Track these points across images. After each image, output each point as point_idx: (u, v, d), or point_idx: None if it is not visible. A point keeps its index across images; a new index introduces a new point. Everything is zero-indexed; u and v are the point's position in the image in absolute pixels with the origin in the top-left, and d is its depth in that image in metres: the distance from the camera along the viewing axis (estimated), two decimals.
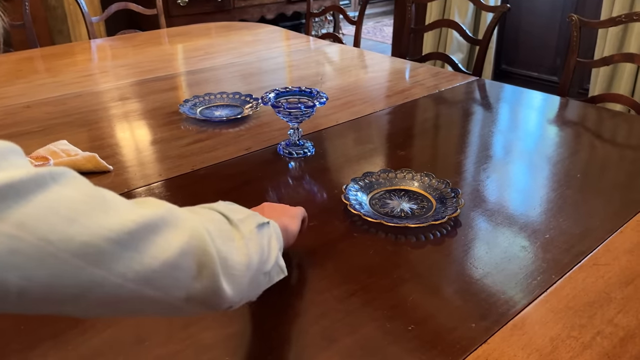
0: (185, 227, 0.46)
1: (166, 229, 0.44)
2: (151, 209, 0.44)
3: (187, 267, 0.45)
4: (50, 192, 0.38)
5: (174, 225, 0.45)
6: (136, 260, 0.40)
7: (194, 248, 0.46)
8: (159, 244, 0.42)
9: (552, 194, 1.02)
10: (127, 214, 0.41)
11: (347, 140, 1.26)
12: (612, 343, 0.65)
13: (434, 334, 0.67)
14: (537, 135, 1.33)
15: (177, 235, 0.45)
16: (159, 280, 0.42)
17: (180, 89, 1.63)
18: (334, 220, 0.92)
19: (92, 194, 0.41)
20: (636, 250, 0.83)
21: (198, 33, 2.35)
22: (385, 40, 4.98)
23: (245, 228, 0.55)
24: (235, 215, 0.56)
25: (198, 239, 0.46)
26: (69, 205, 0.38)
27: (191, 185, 1.05)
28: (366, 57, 1.97)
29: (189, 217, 0.47)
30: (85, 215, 0.39)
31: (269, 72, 1.81)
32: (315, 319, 0.70)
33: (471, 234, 0.88)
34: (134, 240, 0.41)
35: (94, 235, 0.38)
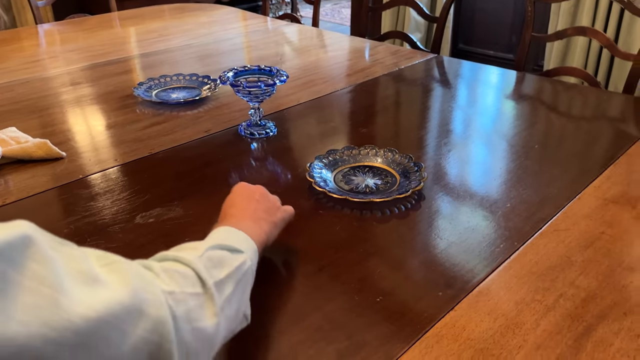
0: (150, 317, 0.40)
1: (126, 320, 0.38)
2: (117, 294, 0.38)
3: None
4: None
5: (138, 315, 0.39)
6: None
7: (151, 345, 0.40)
8: (112, 342, 0.37)
9: (511, 164, 1.03)
10: (79, 307, 0.35)
11: (309, 120, 1.25)
12: (574, 304, 0.67)
13: (402, 304, 0.67)
14: (495, 109, 1.35)
15: (138, 329, 0.39)
16: None
17: (134, 72, 1.58)
18: (299, 199, 0.91)
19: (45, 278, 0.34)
20: (594, 215, 0.85)
21: (151, 15, 2.27)
22: (344, 22, 4.96)
23: (223, 294, 0.51)
24: (215, 275, 0.51)
25: (160, 334, 0.41)
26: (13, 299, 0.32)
27: (149, 169, 1.01)
28: (325, 36, 1.95)
29: (157, 300, 0.42)
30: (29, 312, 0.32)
31: (227, 53, 1.78)
32: (283, 297, 0.69)
33: (435, 206, 0.89)
34: (82, 339, 0.34)
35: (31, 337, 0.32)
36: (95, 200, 0.90)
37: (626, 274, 0.72)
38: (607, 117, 1.30)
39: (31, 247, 0.34)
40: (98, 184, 0.95)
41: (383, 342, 0.61)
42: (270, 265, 0.75)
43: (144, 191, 0.92)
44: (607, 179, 0.96)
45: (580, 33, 1.59)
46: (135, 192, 0.92)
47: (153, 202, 0.89)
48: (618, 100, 1.40)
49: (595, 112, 1.33)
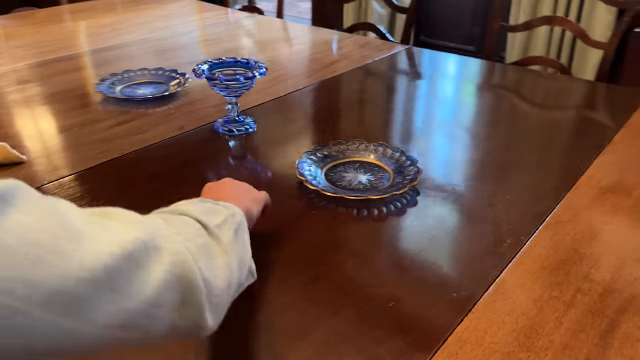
0: (167, 251, 0.38)
1: (147, 257, 0.36)
2: (129, 232, 0.36)
3: (170, 301, 0.37)
4: (6, 221, 0.29)
5: (155, 251, 0.37)
6: (115, 302, 0.33)
7: (178, 278, 0.38)
8: (140, 279, 0.35)
9: (502, 156, 1.01)
10: (102, 243, 0.33)
11: (288, 115, 1.19)
12: (592, 299, 0.64)
13: (415, 310, 0.63)
14: (477, 101, 1.33)
15: (160, 264, 0.37)
16: (139, 321, 0.35)
17: (90, 68, 1.47)
18: (289, 199, 0.85)
19: (54, 217, 0.32)
20: (593, 205, 0.84)
21: (104, 8, 2.15)
22: (302, 16, 4.89)
23: (225, 237, 0.48)
24: (212, 220, 0.48)
25: (182, 267, 0.39)
26: (30, 239, 0.30)
27: (121, 171, 0.93)
28: (293, 29, 1.89)
29: (169, 235, 0.40)
30: (51, 250, 0.30)
31: (187, 46, 1.69)
32: (284, 309, 0.63)
33: (432, 202, 0.85)
34: (111, 278, 0.33)
35: (64, 278, 0.30)
36: None
37: (637, 265, 0.70)
38: (587, 106, 1.30)
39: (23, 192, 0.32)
40: (67, 190, 0.86)
41: (400, 354, 0.57)
42: (266, 274, 0.69)
43: (120, 195, 0.85)
44: (598, 167, 0.94)
45: (547, 22, 1.59)
46: (111, 196, 0.84)
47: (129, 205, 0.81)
48: (593, 88, 1.41)
49: (575, 101, 1.33)
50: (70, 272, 0.31)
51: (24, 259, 0.29)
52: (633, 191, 0.87)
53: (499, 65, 1.56)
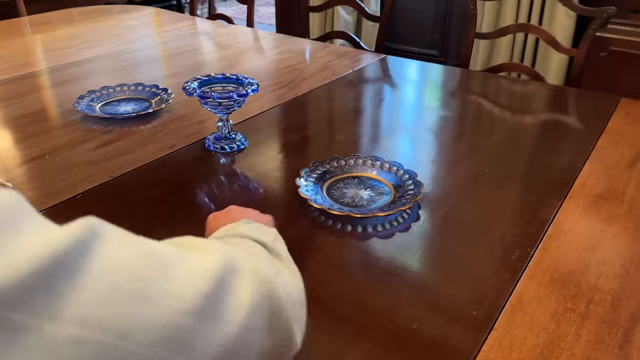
0: (247, 272, 0.37)
1: (234, 279, 0.35)
2: (211, 258, 0.35)
3: (260, 323, 0.37)
4: (99, 257, 0.27)
5: (237, 274, 0.36)
6: (217, 330, 0.32)
7: (263, 297, 0.38)
8: (232, 303, 0.34)
9: (495, 165, 1.03)
10: (192, 272, 0.32)
11: (278, 129, 1.18)
12: (605, 309, 0.66)
13: (440, 329, 0.63)
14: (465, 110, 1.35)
15: (245, 286, 0.36)
16: (237, 348, 0.34)
17: (60, 85, 1.41)
18: (294, 219, 0.84)
19: (146, 249, 0.31)
20: (589, 212, 0.86)
21: (68, 20, 2.07)
22: (262, 21, 4.87)
23: (282, 251, 0.48)
24: (267, 238, 0.47)
25: (264, 286, 0.38)
26: (128, 274, 0.28)
27: (115, 196, 0.90)
28: (268, 38, 1.87)
29: (244, 258, 0.39)
30: (151, 284, 0.29)
31: (166, 58, 1.65)
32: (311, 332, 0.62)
33: (434, 216, 0.86)
34: (210, 306, 0.32)
35: (170, 311, 0.29)
36: None
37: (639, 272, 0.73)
38: (564, 112, 1.34)
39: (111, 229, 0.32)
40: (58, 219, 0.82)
41: None
42: None
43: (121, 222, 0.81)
44: (588, 174, 0.98)
45: (523, 30, 1.64)
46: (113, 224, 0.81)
47: None
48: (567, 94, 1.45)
49: (552, 107, 1.37)
50: (175, 306, 0.30)
51: (128, 296, 0.28)
52: (624, 197, 0.90)
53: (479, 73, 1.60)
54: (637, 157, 1.03)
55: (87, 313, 0.26)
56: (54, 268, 0.25)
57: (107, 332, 0.26)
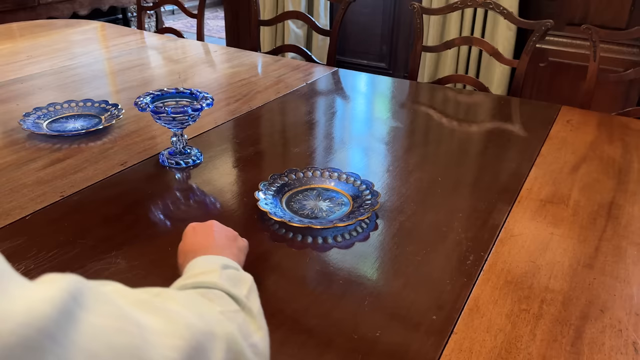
0: (221, 336, 0.39)
1: (208, 346, 0.36)
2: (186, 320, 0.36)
3: None
4: (82, 324, 0.28)
5: (212, 338, 0.37)
6: None
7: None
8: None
9: (445, 173, 1.06)
10: (168, 340, 0.33)
11: (234, 143, 1.17)
12: (557, 309, 0.69)
13: (403, 335, 0.64)
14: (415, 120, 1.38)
15: (219, 351, 0.38)
16: None
17: (5, 102, 1.36)
18: (254, 232, 0.84)
19: (121, 313, 0.31)
20: (537, 217, 0.90)
21: (8, 34, 2.00)
22: (212, 34, 4.83)
23: (254, 307, 0.49)
24: (241, 291, 0.48)
25: (235, 350, 0.40)
26: (111, 343, 0.29)
27: (67, 216, 0.87)
28: (220, 52, 1.87)
29: (218, 319, 0.40)
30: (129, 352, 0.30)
31: (114, 73, 1.61)
32: (280, 345, 0.62)
33: (392, 225, 0.88)
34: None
35: None
36: None
37: (587, 272, 0.77)
38: (509, 120, 1.40)
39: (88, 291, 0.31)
40: (8, 243, 0.79)
41: None
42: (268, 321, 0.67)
43: (69, 244, 0.79)
44: (534, 180, 1.02)
45: (467, 42, 1.70)
46: (59, 246, 0.78)
47: (85, 257, 0.76)
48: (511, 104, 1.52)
49: (498, 116, 1.43)
50: None
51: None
52: (569, 201, 0.95)
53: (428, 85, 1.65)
54: (580, 162, 1.09)
55: None
56: (38, 342, 0.25)
57: None
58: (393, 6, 3.19)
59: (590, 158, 1.12)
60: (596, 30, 1.46)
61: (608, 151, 1.15)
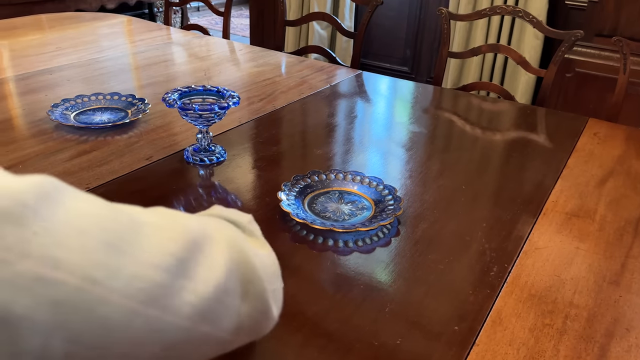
0: (220, 237, 0.37)
1: (208, 244, 0.35)
2: (183, 222, 0.36)
3: (234, 287, 0.36)
4: (65, 208, 0.27)
5: (210, 238, 0.36)
6: (189, 289, 0.32)
7: (237, 263, 0.37)
8: (206, 264, 0.34)
9: (470, 182, 1.05)
10: (162, 232, 0.32)
11: (257, 142, 1.17)
12: (581, 325, 0.68)
13: (424, 344, 0.64)
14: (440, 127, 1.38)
15: (219, 250, 0.36)
16: (212, 310, 0.34)
17: (32, 93, 1.38)
18: (275, 232, 0.84)
19: (112, 206, 0.31)
20: (562, 230, 0.89)
21: (37, 26, 2.03)
22: (236, 32, 4.86)
23: (258, 232, 0.48)
24: (241, 218, 0.47)
25: (237, 251, 0.38)
26: (97, 225, 0.28)
27: None
28: (245, 50, 1.87)
29: (216, 227, 0.39)
30: (120, 237, 0.29)
31: (140, 68, 1.62)
32: (301, 347, 0.62)
33: (415, 232, 0.87)
34: (183, 265, 0.32)
35: (139, 264, 0.29)
36: None
37: (613, 288, 0.75)
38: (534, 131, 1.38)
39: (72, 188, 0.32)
40: None
41: None
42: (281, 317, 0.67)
43: None
44: (560, 192, 1.01)
45: (494, 50, 1.69)
46: None
47: None
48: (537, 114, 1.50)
49: (524, 125, 1.41)
50: (144, 259, 0.29)
51: (100, 244, 0.28)
52: (595, 215, 0.93)
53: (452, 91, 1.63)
54: (607, 177, 1.07)
55: (57, 256, 0.26)
56: (18, 212, 0.25)
57: (74, 275, 0.26)
58: (418, 10, 3.18)
59: (618, 172, 1.10)
60: (627, 42, 1.44)
61: (636, 166, 1.13)
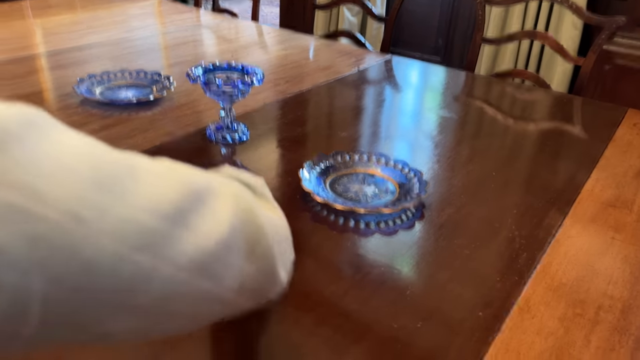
0: (226, 193, 0.34)
1: (210, 197, 0.32)
2: (184, 171, 0.33)
3: (239, 245, 0.34)
4: (54, 140, 0.24)
5: (215, 193, 0.33)
6: (189, 240, 0.29)
7: (243, 220, 0.35)
8: (209, 217, 0.31)
9: (501, 169, 1.01)
10: (163, 179, 0.29)
11: (281, 123, 1.15)
12: (615, 316, 0.64)
13: (446, 329, 0.61)
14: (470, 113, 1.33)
15: (223, 205, 0.33)
16: (212, 266, 0.31)
17: (61, 68, 1.39)
18: (295, 212, 0.82)
19: (108, 149, 0.28)
20: (598, 219, 0.84)
21: (69, 5, 2.04)
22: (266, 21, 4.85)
23: (268, 195, 0.45)
24: (252, 181, 0.45)
25: (244, 209, 0.35)
26: (88, 163, 0.25)
27: None
28: (274, 34, 1.85)
29: (222, 181, 0.36)
30: (114, 179, 0.26)
31: (168, 48, 1.62)
32: (315, 327, 0.60)
33: (441, 216, 0.84)
34: (182, 214, 0.29)
35: (132, 208, 0.26)
36: None
37: None
38: (570, 120, 1.32)
39: None
40: None
41: None
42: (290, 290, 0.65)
43: None
44: (596, 182, 0.96)
45: (530, 36, 1.63)
46: None
47: None
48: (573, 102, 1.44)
49: (560, 114, 1.35)
50: (139, 204, 0.27)
51: (89, 182, 0.25)
52: (633, 206, 0.88)
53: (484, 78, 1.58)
54: None
55: (39, 188, 0.23)
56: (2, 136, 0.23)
57: (57, 211, 0.23)
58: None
59: None
60: None
61: None
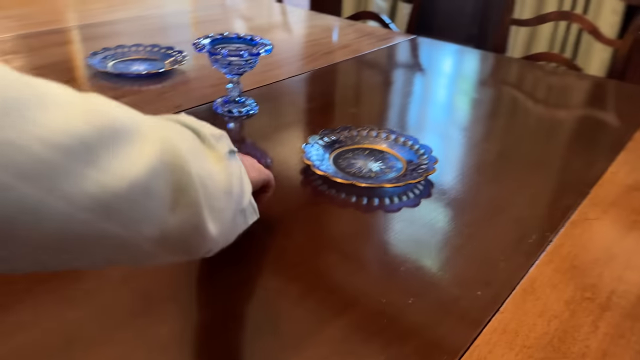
0: (154, 137, 0.32)
1: (131, 137, 0.30)
2: (106, 107, 0.31)
3: (160, 192, 0.31)
4: None
5: (140, 134, 0.31)
6: (92, 179, 0.27)
7: (169, 166, 0.32)
8: (123, 157, 0.29)
9: (521, 150, 0.95)
10: (76, 111, 0.27)
11: (292, 98, 1.12)
12: (629, 302, 0.59)
13: (438, 306, 0.57)
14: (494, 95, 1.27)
15: (146, 148, 0.30)
16: (124, 210, 0.29)
17: (78, 43, 1.39)
18: (295, 184, 0.79)
19: (17, 75, 0.26)
20: (619, 202, 0.78)
21: None
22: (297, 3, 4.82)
23: (221, 149, 0.42)
24: (207, 130, 0.42)
25: (172, 155, 0.32)
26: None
27: None
28: (297, 13, 1.82)
29: (154, 125, 0.33)
30: (19, 102, 0.24)
31: (180, 26, 1.61)
32: (299, 299, 0.57)
33: (447, 193, 0.79)
34: (88, 150, 0.27)
35: (29, 137, 0.24)
36: None
37: None
38: (602, 103, 1.25)
39: None
40: None
41: (426, 354, 0.51)
42: (279, 260, 0.62)
43: None
44: (621, 165, 0.89)
45: (564, 18, 1.54)
46: None
47: None
48: (606, 86, 1.36)
49: (591, 97, 1.28)
50: (34, 133, 0.24)
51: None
52: None
53: (511, 59, 1.51)
54: None
55: None
56: None
57: None
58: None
59: None
60: None
61: None
